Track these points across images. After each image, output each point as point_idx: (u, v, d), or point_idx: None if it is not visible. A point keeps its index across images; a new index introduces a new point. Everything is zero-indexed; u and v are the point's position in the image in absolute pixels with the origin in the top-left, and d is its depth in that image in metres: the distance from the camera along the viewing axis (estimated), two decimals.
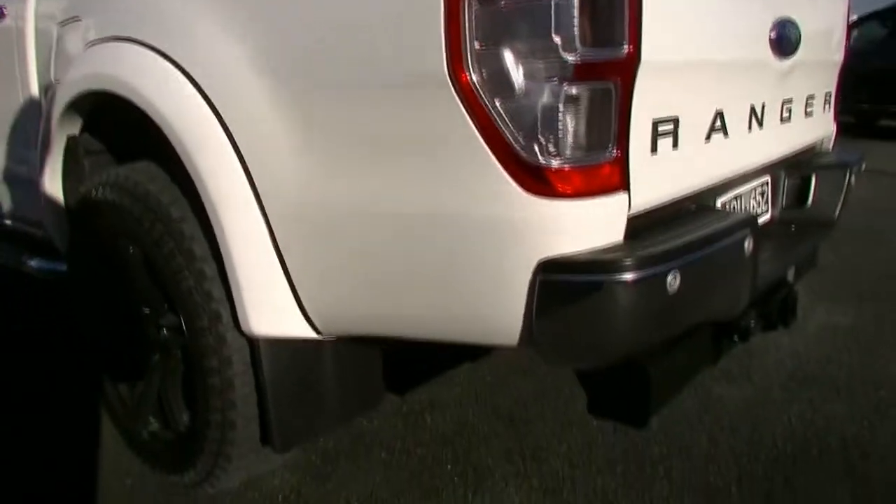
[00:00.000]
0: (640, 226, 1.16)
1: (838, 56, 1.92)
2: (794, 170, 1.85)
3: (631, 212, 1.13)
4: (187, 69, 1.32)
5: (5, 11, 2.03)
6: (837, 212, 1.88)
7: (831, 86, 1.95)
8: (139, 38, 1.42)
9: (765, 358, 2.39)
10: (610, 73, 1.04)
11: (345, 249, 1.23)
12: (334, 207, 1.21)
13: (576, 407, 2.10)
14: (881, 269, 3.36)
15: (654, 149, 1.17)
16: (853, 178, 1.89)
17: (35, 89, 1.95)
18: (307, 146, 1.21)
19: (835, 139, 2.11)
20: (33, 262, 2.24)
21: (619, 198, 1.11)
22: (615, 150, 1.08)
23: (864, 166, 2.02)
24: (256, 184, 1.28)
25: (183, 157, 1.33)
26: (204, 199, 1.32)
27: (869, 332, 2.62)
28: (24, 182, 2.11)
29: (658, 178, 1.18)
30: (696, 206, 1.37)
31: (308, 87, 1.20)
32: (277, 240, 1.29)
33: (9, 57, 2.01)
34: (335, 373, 1.46)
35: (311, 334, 1.37)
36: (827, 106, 1.93)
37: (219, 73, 1.29)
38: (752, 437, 1.92)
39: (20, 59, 1.95)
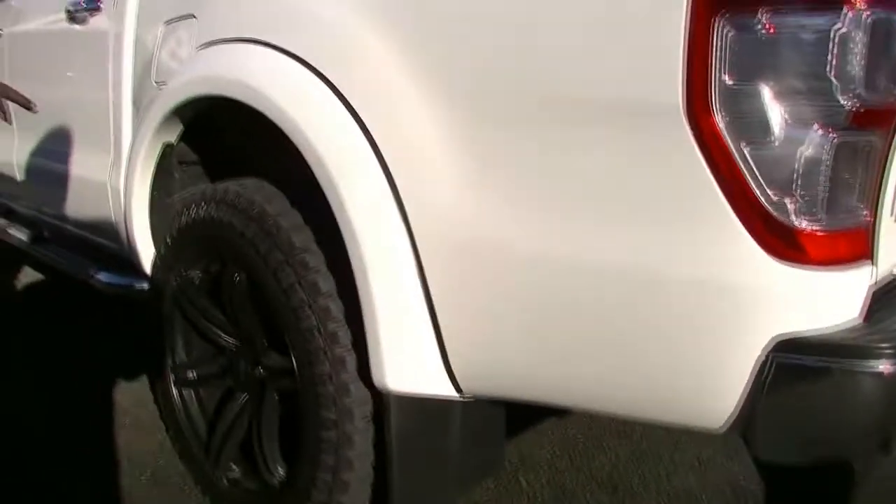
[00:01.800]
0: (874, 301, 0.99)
1: None
2: None
3: (873, 283, 0.95)
4: (336, 83, 1.16)
5: (101, 4, 1.88)
6: None
7: None
8: (275, 42, 1.26)
9: None
10: (883, 121, 0.87)
11: (516, 301, 1.05)
12: (509, 252, 1.04)
13: (679, 476, 1.90)
14: None
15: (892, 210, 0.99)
16: None
17: (128, 91, 1.80)
18: (480, 177, 1.05)
19: None
20: (102, 276, 2.08)
21: (866, 268, 0.93)
22: (866, 212, 0.91)
23: None
24: (410, 219, 1.11)
25: (322, 180, 1.17)
26: (343, 228, 1.16)
27: None
28: (101, 189, 1.95)
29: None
30: None
31: (489, 114, 1.03)
32: (429, 283, 1.12)
33: (100, 54, 1.86)
34: (462, 435, 1.28)
35: (452, 393, 1.19)
36: None
37: (376, 91, 1.13)
38: None
39: (114, 58, 1.80)
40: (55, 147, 2.21)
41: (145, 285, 1.94)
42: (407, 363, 1.16)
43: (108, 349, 2.47)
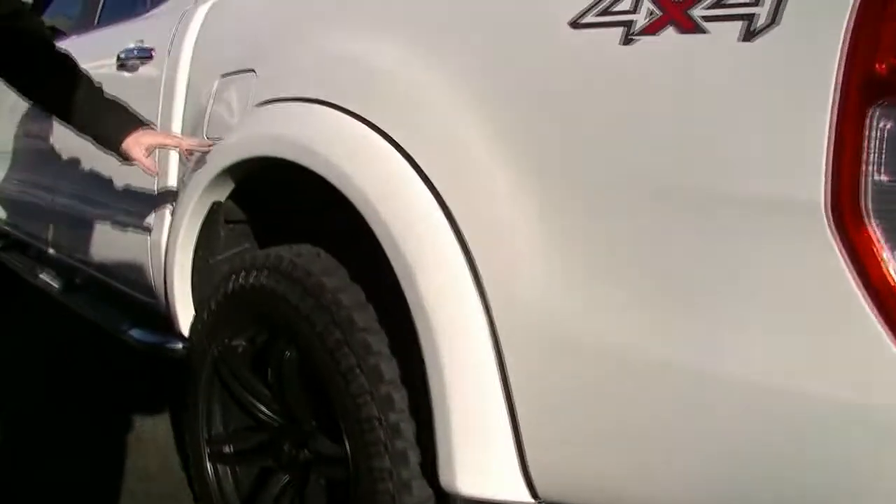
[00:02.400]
0: None
1: None
2: None
3: None
4: (417, 160, 1.07)
5: (153, 53, 1.82)
6: None
7: None
8: (347, 106, 1.18)
9: None
10: None
11: (619, 406, 0.94)
12: (615, 354, 0.92)
13: None
14: None
15: None
16: None
17: None
18: (581, 270, 0.94)
19: None
20: (135, 333, 1.99)
21: None
22: None
23: None
24: (493, 311, 1.00)
25: (397, 265, 1.07)
26: (416, 316, 1.05)
27: None
28: (141, 243, 1.87)
29: None
30: None
31: (596, 202, 0.93)
32: (510, 379, 1.01)
33: (149, 104, 1.79)
34: None
35: (527, 499, 1.07)
36: None
37: (463, 171, 1.03)
38: None
39: (164, 109, 1.74)
40: (95, 195, 2.14)
41: (180, 345, 1.85)
42: (480, 464, 1.04)
43: (140, 403, 2.36)
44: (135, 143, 1.51)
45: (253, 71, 1.44)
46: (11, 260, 2.90)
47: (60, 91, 1.53)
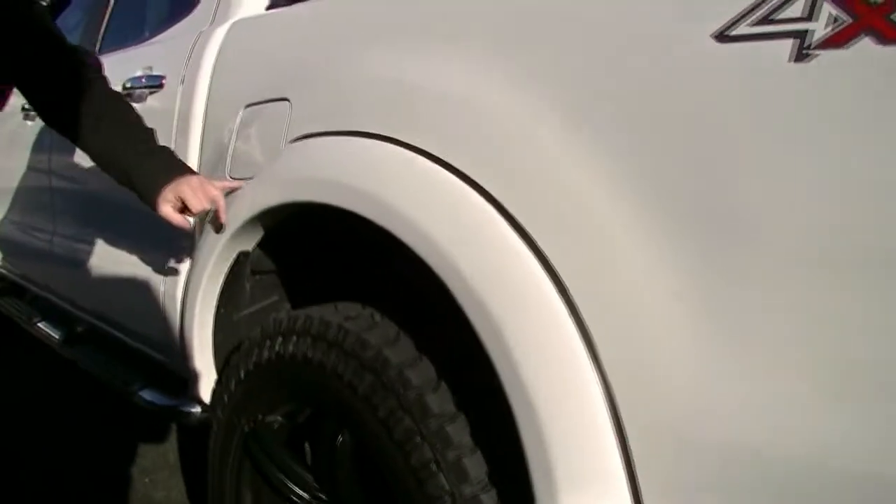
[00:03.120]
0: None
1: None
2: None
3: None
4: (515, 213, 0.85)
5: (164, 82, 1.61)
6: None
7: None
8: (418, 144, 0.96)
9: None
10: None
11: None
12: (799, 463, 0.70)
13: None
14: None
15: None
16: None
17: None
18: (743, 356, 0.72)
19: None
20: (145, 393, 1.76)
21: None
22: None
23: None
24: (620, 408, 0.78)
25: (491, 348, 0.85)
26: (513, 399, 0.83)
27: None
28: (153, 295, 1.65)
29: None
30: None
31: (753, 260, 0.71)
32: (640, 488, 0.78)
33: (159, 140, 1.57)
34: None
35: None
36: None
37: (576, 228, 0.82)
38: None
39: (178, 146, 1.52)
40: (100, 237, 1.93)
41: (197, 409, 1.63)
42: None
43: (148, 468, 2.13)
44: (161, 200, 1.30)
45: (286, 100, 1.23)
46: (6, 305, 2.68)
47: (85, 116, 1.32)
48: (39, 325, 2.36)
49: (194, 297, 1.41)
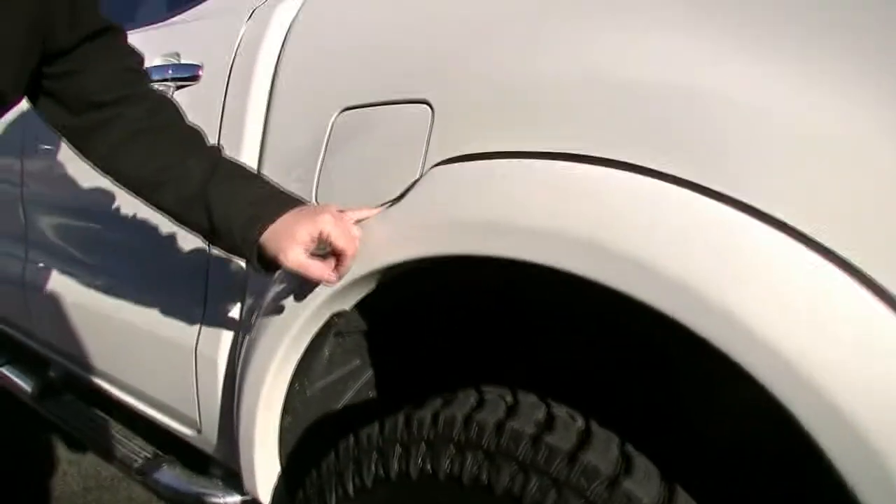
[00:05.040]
0: None
1: None
2: None
3: None
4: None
5: (200, 73, 1.22)
6: None
7: None
8: (724, 189, 0.60)
9: None
10: None
11: None
12: None
13: None
14: None
15: None
16: None
17: None
18: None
19: None
20: (162, 477, 1.36)
21: None
22: None
23: None
24: None
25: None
26: None
27: None
28: (180, 355, 1.25)
29: None
30: None
31: None
32: None
33: None
34: None
35: None
36: None
37: None
38: None
39: None
40: (93, 269, 1.51)
41: (235, 499, 1.24)
42: None
43: None
44: (287, 240, 0.85)
45: (424, 103, 0.85)
46: None
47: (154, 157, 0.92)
48: (2, 370, 1.90)
49: (261, 369, 1.02)
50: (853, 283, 0.53)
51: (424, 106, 0.86)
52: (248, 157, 1.13)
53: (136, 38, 1.44)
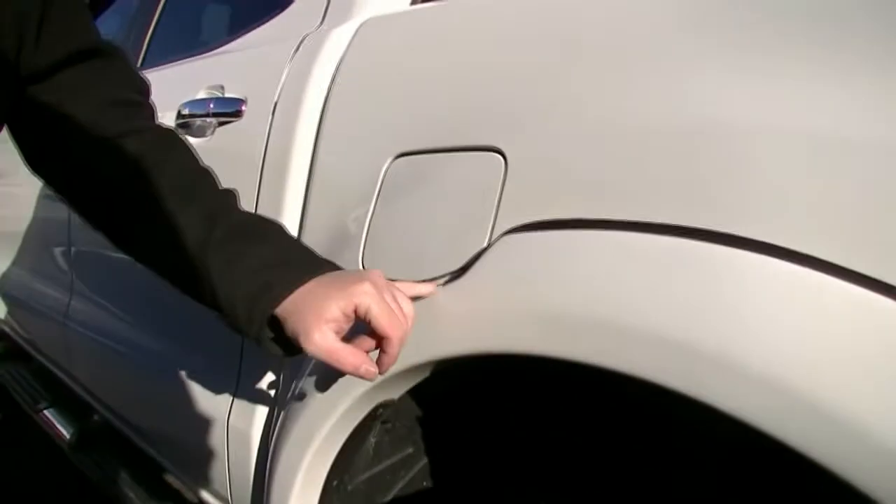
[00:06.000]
0: None
1: None
2: None
3: None
4: None
5: (243, 108, 1.08)
6: None
7: None
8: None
9: None
10: None
11: None
12: None
13: None
14: None
15: None
16: None
17: None
18: None
19: None
20: None
21: None
22: None
23: None
24: None
25: None
26: None
27: None
28: (212, 426, 1.10)
29: None
30: None
31: None
32: None
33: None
34: None
35: None
36: None
37: None
38: None
39: (265, 205, 0.98)
40: (134, 320, 1.38)
41: None
42: None
43: None
44: (313, 317, 0.65)
45: (497, 151, 0.68)
46: (6, 375, 2.13)
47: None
48: (46, 413, 1.81)
49: (295, 459, 0.86)
50: None
51: (497, 155, 0.69)
52: (290, 206, 0.98)
53: (177, 70, 1.33)
